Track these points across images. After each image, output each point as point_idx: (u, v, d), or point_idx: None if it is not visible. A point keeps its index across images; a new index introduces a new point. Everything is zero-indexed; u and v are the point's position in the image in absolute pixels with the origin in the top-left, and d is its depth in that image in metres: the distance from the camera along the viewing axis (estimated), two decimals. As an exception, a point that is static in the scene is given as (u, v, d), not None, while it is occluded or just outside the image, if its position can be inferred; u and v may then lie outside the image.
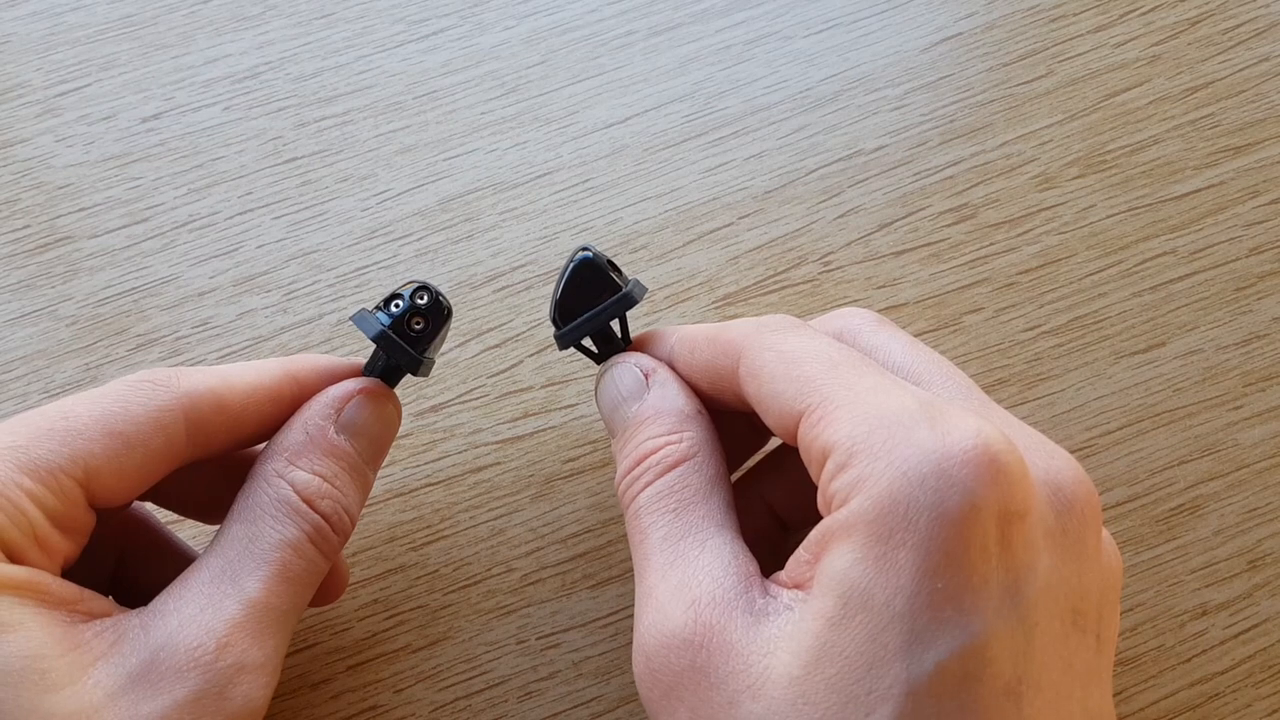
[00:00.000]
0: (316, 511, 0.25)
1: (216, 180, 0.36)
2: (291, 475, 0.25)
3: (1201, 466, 0.33)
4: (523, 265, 0.35)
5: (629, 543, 0.25)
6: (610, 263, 0.27)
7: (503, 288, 0.35)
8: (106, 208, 0.36)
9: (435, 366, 0.34)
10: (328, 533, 0.25)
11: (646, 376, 0.27)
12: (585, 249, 0.27)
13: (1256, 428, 0.33)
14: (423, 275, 0.35)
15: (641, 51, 0.39)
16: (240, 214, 0.36)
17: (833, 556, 0.21)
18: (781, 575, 0.22)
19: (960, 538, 0.20)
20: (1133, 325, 0.35)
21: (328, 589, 0.28)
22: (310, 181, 0.36)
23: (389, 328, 0.26)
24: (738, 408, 0.26)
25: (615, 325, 0.28)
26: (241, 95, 0.38)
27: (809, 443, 0.22)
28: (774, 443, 0.30)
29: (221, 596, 0.23)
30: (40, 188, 0.36)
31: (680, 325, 0.28)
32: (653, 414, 0.26)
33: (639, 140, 0.37)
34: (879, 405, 0.21)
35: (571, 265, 0.27)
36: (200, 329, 0.34)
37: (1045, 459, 0.22)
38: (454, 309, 0.27)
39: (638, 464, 0.25)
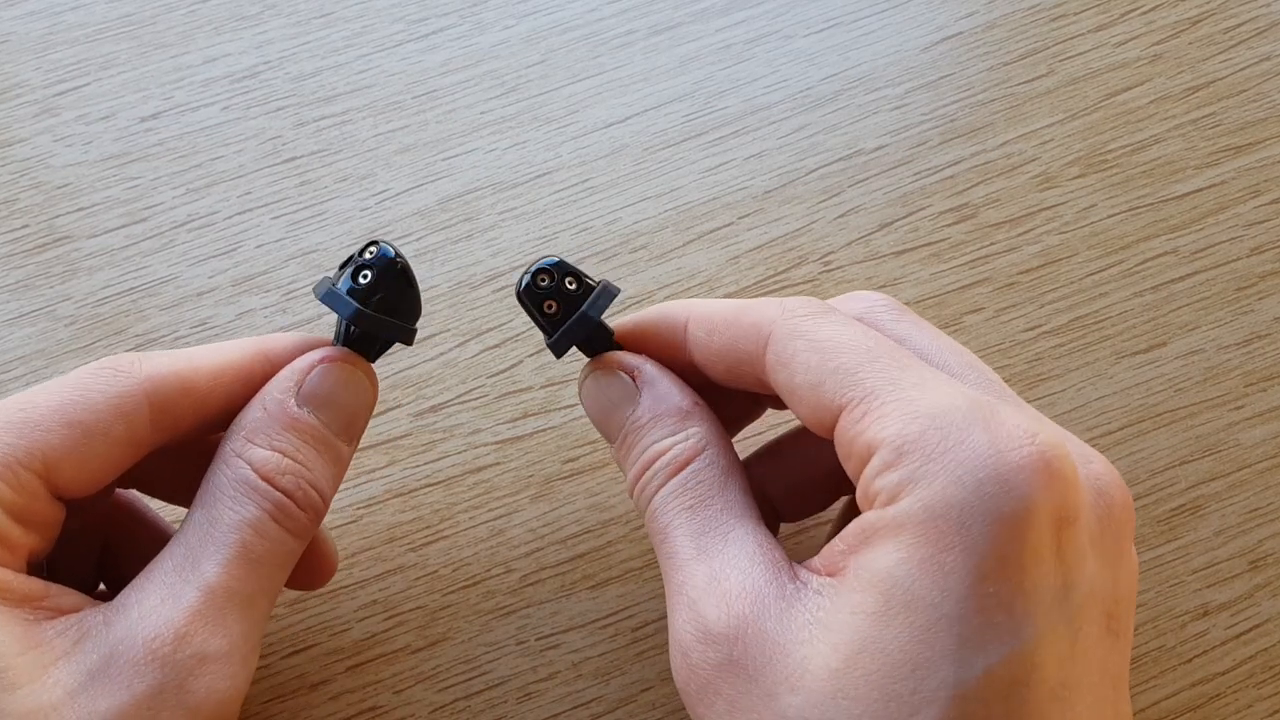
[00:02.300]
0: (277, 488, 0.24)
1: (215, 180, 0.36)
2: (249, 453, 0.24)
3: (1203, 467, 0.33)
4: (522, 265, 0.35)
5: (652, 544, 0.25)
6: (571, 267, 0.26)
7: (502, 288, 0.35)
8: (105, 207, 0.36)
9: (434, 366, 0.34)
10: (292, 509, 0.24)
11: (633, 376, 0.26)
12: (537, 262, 0.26)
13: (1258, 428, 0.33)
14: (422, 275, 0.35)
15: (641, 51, 0.38)
16: (239, 214, 0.36)
17: (875, 553, 0.20)
18: (814, 562, 0.22)
19: (1015, 543, 0.20)
20: (1134, 325, 0.35)
21: (315, 571, 0.27)
22: (309, 181, 0.36)
23: (336, 286, 0.25)
24: (755, 390, 0.25)
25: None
26: (240, 95, 0.37)
27: (851, 438, 0.22)
28: (772, 429, 0.30)
29: (181, 585, 0.22)
30: (39, 187, 0.36)
31: (692, 301, 0.27)
32: (650, 417, 0.25)
33: (639, 140, 0.37)
34: (928, 402, 0.21)
35: (530, 272, 0.26)
36: (199, 329, 0.34)
37: (1084, 463, 0.22)
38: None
39: (646, 469, 0.25)
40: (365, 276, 0.25)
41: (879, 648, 0.20)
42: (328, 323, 0.34)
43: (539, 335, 0.34)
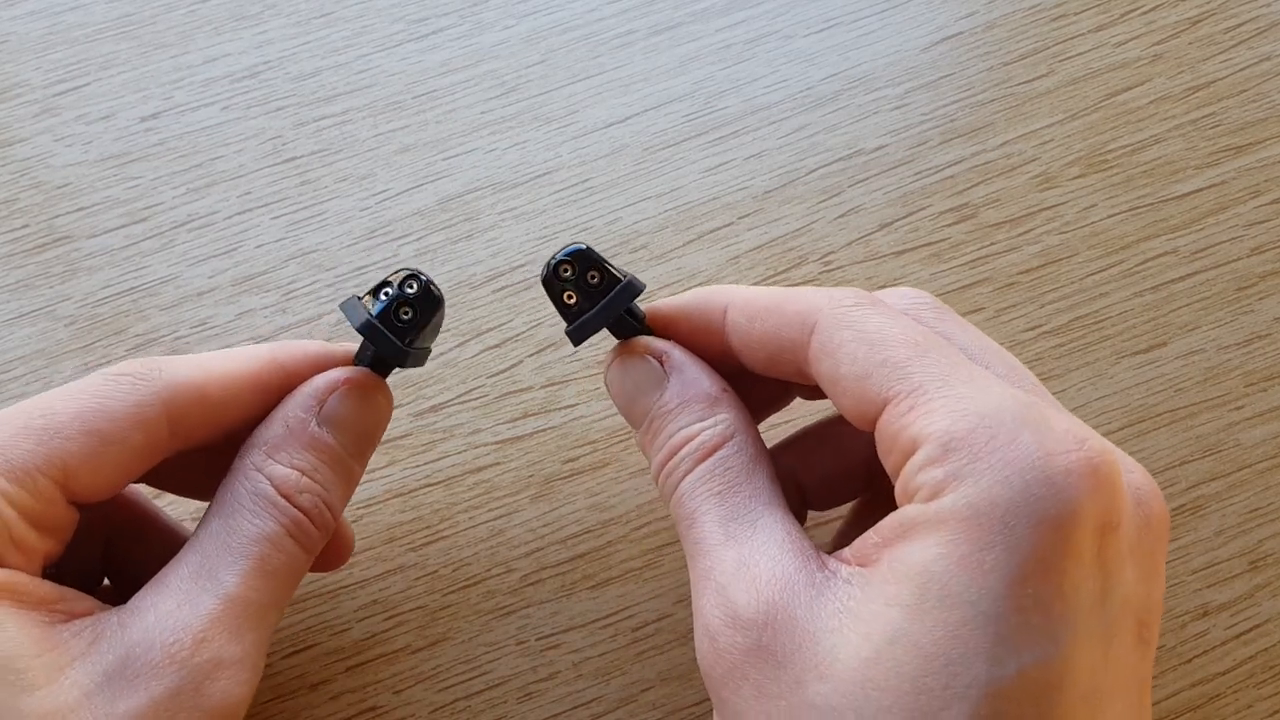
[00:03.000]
0: (295, 505, 0.24)
1: (215, 180, 0.36)
2: (269, 469, 0.24)
3: (1203, 467, 0.33)
4: (522, 265, 0.35)
5: (677, 530, 0.25)
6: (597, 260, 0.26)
7: (502, 287, 0.35)
8: (105, 207, 0.36)
9: (434, 366, 0.34)
10: (307, 527, 0.24)
11: (661, 361, 0.26)
12: (574, 244, 0.26)
13: (1258, 428, 0.33)
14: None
15: (641, 51, 0.38)
16: (239, 214, 0.36)
17: (913, 547, 0.20)
18: (845, 553, 0.22)
19: (1058, 546, 0.20)
20: (1134, 325, 0.35)
21: (332, 554, 0.28)
22: (309, 181, 0.36)
23: (375, 317, 0.25)
24: (794, 380, 0.25)
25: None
26: (240, 95, 0.37)
27: (895, 431, 0.22)
28: (804, 417, 0.30)
29: (199, 592, 0.23)
30: (39, 187, 0.36)
31: (733, 287, 0.27)
32: (679, 403, 0.25)
33: (639, 140, 0.37)
34: (979, 401, 0.21)
35: (559, 257, 0.26)
36: (199, 329, 0.34)
37: (1125, 473, 0.22)
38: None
39: (673, 455, 0.25)
40: (407, 313, 0.25)
41: (912, 640, 0.20)
42: (328, 323, 0.34)
43: (539, 335, 0.34)
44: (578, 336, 0.26)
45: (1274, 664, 0.31)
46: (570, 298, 0.26)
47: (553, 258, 0.26)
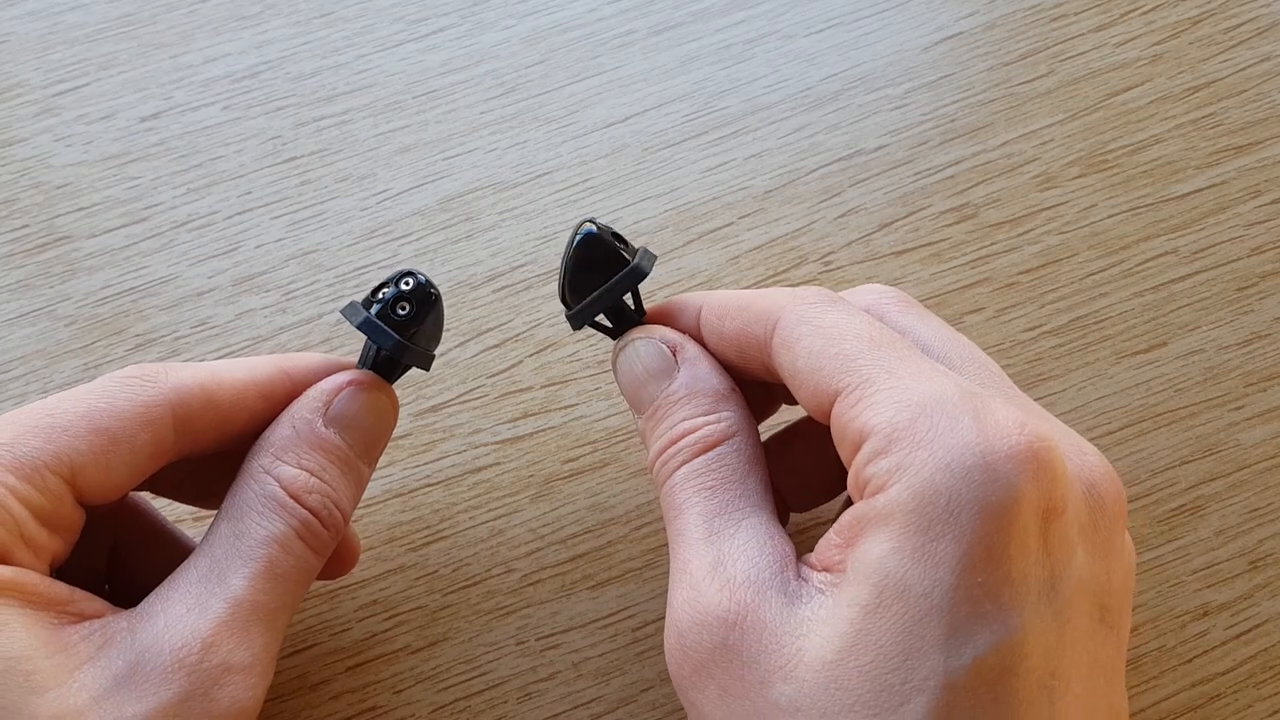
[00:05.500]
0: (304, 506, 0.24)
1: (215, 180, 0.36)
2: (278, 470, 0.24)
3: (1203, 467, 0.33)
4: (522, 265, 0.35)
5: (664, 519, 0.25)
6: (615, 234, 0.27)
7: (502, 287, 0.35)
8: (105, 207, 0.36)
9: (434, 366, 0.34)
10: (316, 528, 0.24)
11: (674, 352, 0.26)
12: (589, 221, 0.26)
13: (1258, 428, 0.33)
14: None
15: (641, 51, 0.38)
16: (239, 213, 0.36)
17: (868, 544, 0.21)
18: (811, 558, 0.22)
19: (1002, 533, 0.20)
20: (1134, 325, 0.35)
21: (339, 561, 0.28)
22: (309, 181, 0.36)
23: (374, 315, 0.25)
24: (764, 378, 0.26)
25: (628, 298, 0.27)
26: (240, 95, 0.37)
27: (845, 423, 0.22)
28: (784, 422, 0.30)
29: (208, 596, 0.23)
30: (39, 187, 0.36)
31: (707, 291, 0.27)
32: (687, 394, 0.25)
33: (639, 140, 0.37)
34: (921, 391, 0.21)
35: (576, 241, 0.26)
36: (199, 329, 0.34)
37: (1078, 456, 0.22)
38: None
39: (673, 444, 0.25)
40: (404, 308, 0.25)
41: (872, 639, 0.20)
42: (328, 323, 0.34)
43: (539, 335, 0.34)
44: (579, 320, 0.27)
45: (1274, 664, 0.31)
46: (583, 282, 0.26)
47: (597, 224, 0.26)
